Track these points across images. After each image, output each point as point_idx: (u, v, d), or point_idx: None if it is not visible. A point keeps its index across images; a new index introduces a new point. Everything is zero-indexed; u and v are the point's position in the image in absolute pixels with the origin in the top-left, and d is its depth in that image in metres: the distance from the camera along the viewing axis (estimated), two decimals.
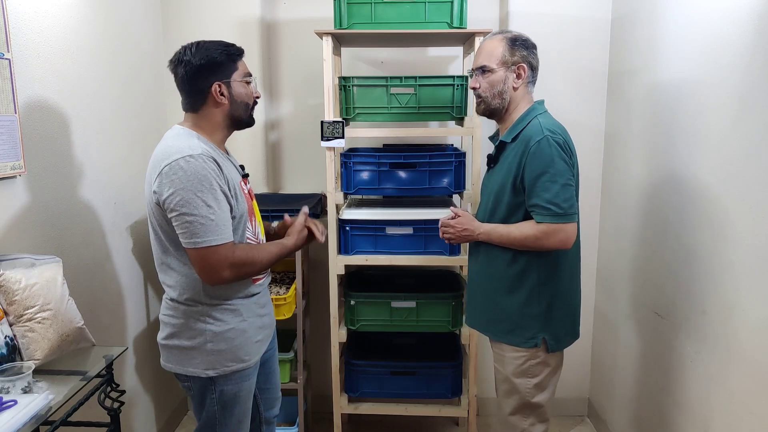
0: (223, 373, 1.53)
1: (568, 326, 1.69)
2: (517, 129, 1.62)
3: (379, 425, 2.68)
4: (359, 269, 2.53)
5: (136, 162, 2.27)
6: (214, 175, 1.41)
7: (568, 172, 1.54)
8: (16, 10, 1.58)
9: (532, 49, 1.64)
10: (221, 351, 1.52)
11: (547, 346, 1.63)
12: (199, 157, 1.40)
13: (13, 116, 1.55)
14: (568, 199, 1.53)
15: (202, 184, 1.38)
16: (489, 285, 1.69)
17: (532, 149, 1.54)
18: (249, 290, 1.59)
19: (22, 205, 1.63)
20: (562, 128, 1.61)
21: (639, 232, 2.15)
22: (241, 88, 1.53)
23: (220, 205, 1.42)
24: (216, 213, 1.40)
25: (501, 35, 1.64)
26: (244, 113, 1.56)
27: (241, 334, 1.56)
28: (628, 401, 2.27)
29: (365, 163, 2.24)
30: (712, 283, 1.63)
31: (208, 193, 1.39)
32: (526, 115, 1.63)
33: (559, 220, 1.52)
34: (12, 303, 1.39)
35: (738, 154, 1.51)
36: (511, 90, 1.63)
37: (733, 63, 1.53)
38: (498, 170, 1.67)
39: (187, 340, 1.52)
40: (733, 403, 1.54)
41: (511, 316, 1.65)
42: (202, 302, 1.51)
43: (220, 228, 1.41)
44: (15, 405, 1.22)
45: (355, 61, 2.59)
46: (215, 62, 1.48)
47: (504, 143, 1.65)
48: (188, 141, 1.44)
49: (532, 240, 1.55)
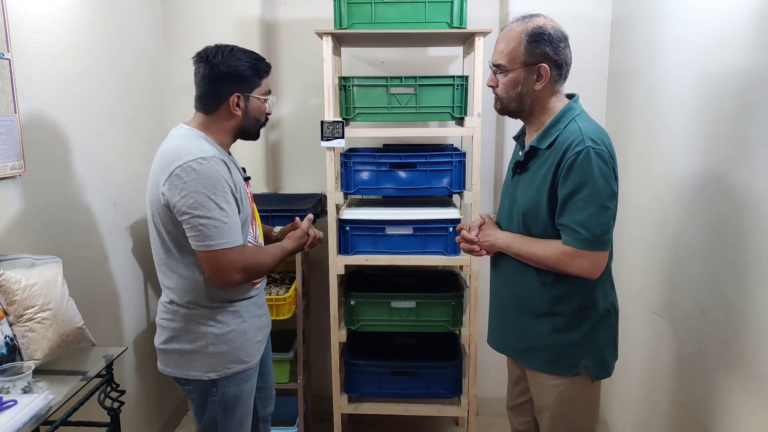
0: (225, 375, 1.53)
1: (611, 348, 1.52)
2: (553, 134, 1.42)
3: (379, 425, 2.68)
4: (359, 269, 2.53)
5: (135, 162, 2.27)
6: (226, 177, 1.41)
7: (607, 191, 1.34)
8: (16, 10, 1.58)
9: (558, 42, 1.40)
10: (222, 353, 1.52)
11: (590, 374, 1.47)
12: (211, 160, 1.39)
13: (13, 116, 1.55)
14: (602, 225, 1.35)
15: (216, 186, 1.38)
16: (522, 308, 1.52)
17: (569, 160, 1.35)
18: (249, 292, 1.59)
19: (22, 205, 1.63)
20: (605, 133, 1.42)
21: (639, 233, 2.15)
22: (258, 104, 1.54)
23: (232, 208, 1.42)
24: (228, 216, 1.40)
25: (522, 26, 1.41)
26: (254, 128, 1.57)
27: (242, 335, 1.55)
28: (628, 401, 2.27)
29: (365, 163, 2.24)
30: (712, 283, 1.63)
31: (221, 196, 1.39)
32: (561, 117, 1.43)
33: (587, 247, 1.35)
34: (12, 303, 1.39)
35: (737, 153, 1.51)
36: (532, 91, 1.43)
37: (733, 63, 1.53)
38: (529, 180, 1.46)
39: (187, 344, 1.51)
40: (733, 403, 1.54)
41: (549, 343, 1.48)
42: (204, 305, 1.50)
43: (233, 231, 1.41)
44: (15, 405, 1.22)
45: (355, 61, 2.59)
46: (242, 75, 1.47)
47: (536, 149, 1.45)
48: (198, 143, 1.44)
49: (554, 261, 1.40)
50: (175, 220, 1.41)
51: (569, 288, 1.44)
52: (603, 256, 1.39)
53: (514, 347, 1.59)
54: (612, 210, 1.37)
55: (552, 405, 1.52)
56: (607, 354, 1.50)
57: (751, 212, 1.44)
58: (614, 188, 1.37)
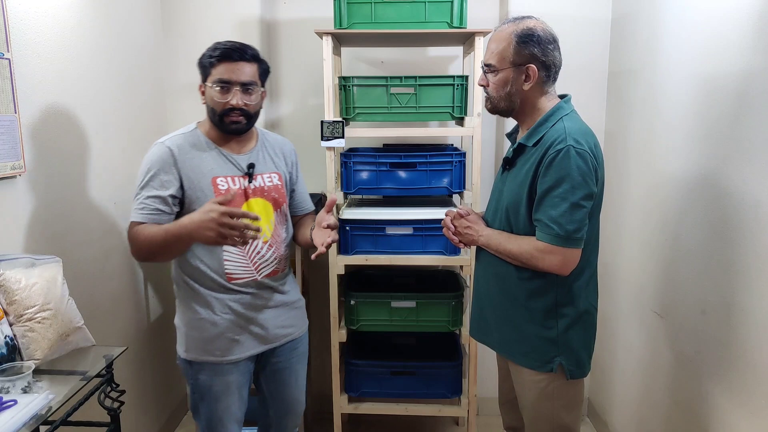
0: (196, 359, 1.62)
1: (588, 349, 1.54)
2: (540, 132, 1.45)
3: (379, 425, 2.68)
4: (359, 269, 2.53)
5: (135, 162, 2.24)
6: (158, 161, 1.54)
7: (583, 190, 1.36)
8: (16, 10, 1.58)
9: (547, 44, 1.43)
10: (194, 338, 1.62)
11: (565, 373, 1.49)
12: (160, 145, 1.57)
13: (13, 116, 1.55)
14: (575, 221, 1.37)
15: (145, 166, 1.55)
16: (500, 300, 1.56)
17: (550, 157, 1.38)
18: (224, 286, 1.61)
19: (22, 205, 1.63)
20: (590, 134, 1.44)
21: (639, 232, 2.15)
22: (210, 92, 1.55)
23: (149, 188, 1.53)
24: (139, 193, 1.54)
25: (512, 27, 1.45)
26: (213, 117, 1.59)
27: (212, 326, 1.60)
28: (628, 401, 2.27)
29: (365, 163, 2.24)
30: (712, 283, 1.63)
31: (141, 175, 1.55)
32: (549, 116, 1.46)
33: (559, 243, 1.37)
34: (12, 303, 1.39)
35: (737, 153, 1.51)
36: (520, 91, 1.47)
37: (733, 63, 1.53)
38: (514, 176, 1.51)
39: (177, 319, 1.67)
40: (734, 403, 1.54)
41: (524, 336, 1.51)
42: (179, 284, 1.65)
43: (136, 207, 1.53)
44: (15, 405, 1.22)
45: (355, 61, 2.59)
46: (201, 64, 1.57)
47: (523, 146, 1.49)
48: (178, 131, 1.62)
49: (527, 257, 1.43)
50: None
51: (544, 284, 1.47)
52: (574, 254, 1.40)
53: (493, 338, 1.62)
54: (586, 208, 1.39)
55: (533, 400, 1.55)
56: (583, 354, 1.52)
57: (752, 212, 1.44)
58: (592, 189, 1.39)
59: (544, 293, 1.48)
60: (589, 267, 1.52)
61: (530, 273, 1.48)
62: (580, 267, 1.45)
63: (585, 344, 1.53)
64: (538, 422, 1.57)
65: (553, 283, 1.47)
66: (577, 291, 1.49)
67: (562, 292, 1.48)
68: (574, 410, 1.56)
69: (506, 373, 1.71)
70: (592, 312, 1.54)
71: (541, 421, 1.56)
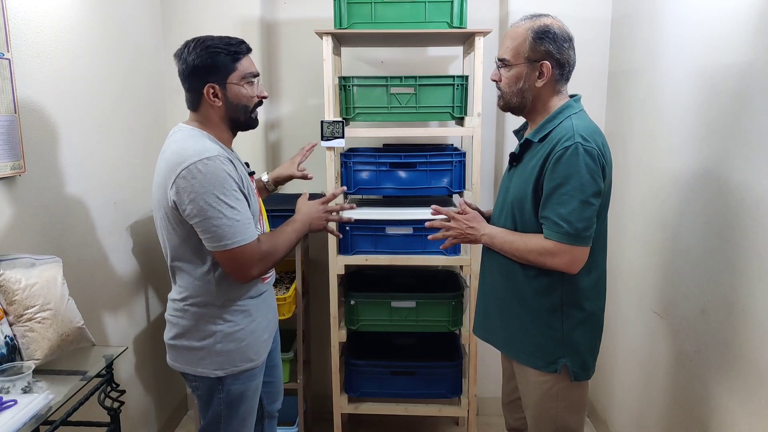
0: (232, 372, 1.52)
1: (593, 351, 1.53)
2: (547, 128, 1.45)
3: (379, 425, 2.68)
4: (359, 269, 2.53)
5: (135, 162, 2.27)
6: (232, 175, 1.40)
7: (592, 187, 1.35)
8: (16, 10, 1.58)
9: (563, 42, 1.42)
10: (230, 351, 1.51)
11: (569, 374, 1.48)
12: (215, 159, 1.37)
13: (13, 116, 1.55)
14: (584, 219, 1.35)
15: (224, 186, 1.36)
16: (505, 298, 1.55)
17: (557, 154, 1.36)
18: (258, 289, 1.58)
19: (22, 205, 1.63)
20: (599, 132, 1.43)
21: (639, 232, 2.15)
22: (239, 90, 1.46)
23: (242, 204, 1.41)
24: (239, 213, 1.39)
25: (529, 23, 1.44)
26: (243, 115, 1.50)
27: (251, 334, 1.55)
28: (628, 401, 2.27)
29: (365, 163, 2.24)
30: (712, 283, 1.63)
31: (229, 194, 1.37)
32: (558, 113, 1.45)
33: (568, 241, 1.36)
34: (12, 303, 1.39)
35: (737, 153, 1.51)
36: (533, 88, 1.46)
37: (733, 62, 1.53)
38: (520, 172, 1.50)
39: (196, 341, 1.51)
40: (734, 403, 1.54)
41: (529, 335, 1.50)
42: (214, 304, 1.49)
43: (246, 227, 1.40)
44: (15, 405, 1.22)
45: (355, 61, 2.59)
46: (210, 63, 1.42)
47: (530, 142, 1.48)
48: (202, 142, 1.41)
49: (535, 255, 1.41)
50: (185, 222, 1.39)
51: (550, 282, 1.46)
52: (582, 252, 1.39)
53: (498, 337, 1.61)
54: (594, 206, 1.37)
55: (537, 401, 1.54)
56: (588, 357, 1.51)
57: (752, 211, 1.44)
58: (600, 186, 1.38)
59: (550, 292, 1.47)
60: (596, 268, 1.50)
61: (536, 271, 1.46)
62: (587, 267, 1.44)
63: (591, 347, 1.52)
64: (541, 423, 1.56)
65: (559, 281, 1.45)
66: (584, 291, 1.47)
67: (568, 291, 1.46)
68: (578, 413, 1.55)
69: (511, 374, 1.70)
70: (599, 314, 1.53)
71: (545, 422, 1.55)
